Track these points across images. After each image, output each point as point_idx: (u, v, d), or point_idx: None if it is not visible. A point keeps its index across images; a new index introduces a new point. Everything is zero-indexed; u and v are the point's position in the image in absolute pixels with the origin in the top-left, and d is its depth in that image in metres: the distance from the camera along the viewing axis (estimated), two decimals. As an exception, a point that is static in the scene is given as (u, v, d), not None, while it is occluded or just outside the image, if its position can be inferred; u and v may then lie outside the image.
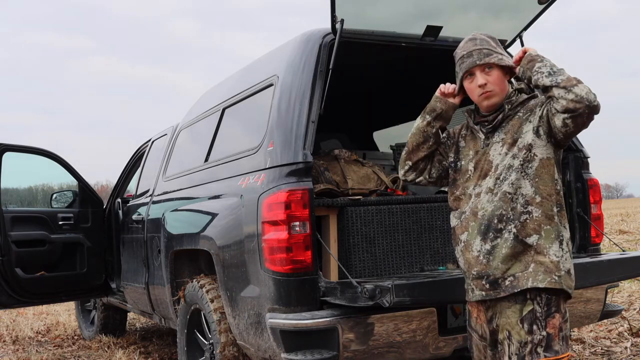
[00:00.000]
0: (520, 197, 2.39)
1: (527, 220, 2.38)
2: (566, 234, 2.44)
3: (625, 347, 4.69)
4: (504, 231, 2.40)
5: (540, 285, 2.33)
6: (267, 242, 3.04)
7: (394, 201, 3.52)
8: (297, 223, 2.98)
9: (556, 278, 2.34)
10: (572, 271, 2.42)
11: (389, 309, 2.71)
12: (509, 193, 2.40)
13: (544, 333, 2.34)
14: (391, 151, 4.87)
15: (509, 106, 2.49)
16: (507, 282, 2.38)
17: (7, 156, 5.40)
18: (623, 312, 4.90)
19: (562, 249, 2.39)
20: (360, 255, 3.39)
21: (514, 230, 2.38)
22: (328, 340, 2.90)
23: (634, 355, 4.51)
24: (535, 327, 2.34)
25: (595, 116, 2.28)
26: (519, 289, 2.35)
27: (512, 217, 2.39)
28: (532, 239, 2.37)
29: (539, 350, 2.33)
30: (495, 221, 2.41)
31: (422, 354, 3.11)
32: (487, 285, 2.42)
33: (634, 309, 5.80)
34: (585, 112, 2.25)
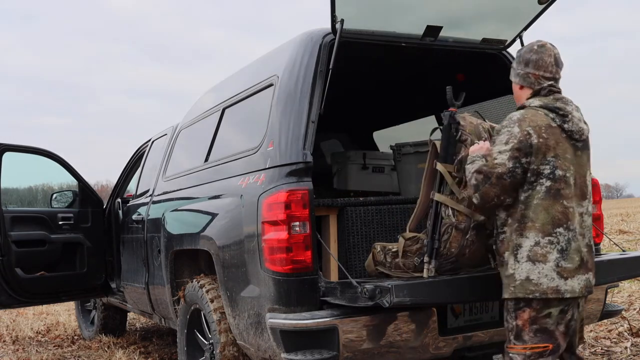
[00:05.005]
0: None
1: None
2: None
3: (625, 347, 4.69)
4: None
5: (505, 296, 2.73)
6: (267, 242, 3.04)
7: (394, 201, 3.52)
8: (297, 223, 2.98)
9: (512, 289, 2.68)
10: (533, 276, 2.64)
11: (388, 309, 2.71)
12: None
13: (514, 324, 2.69)
14: (391, 151, 4.87)
15: None
16: None
17: (7, 156, 5.40)
18: (623, 312, 4.90)
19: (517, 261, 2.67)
20: (360, 255, 3.38)
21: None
22: (328, 340, 2.89)
23: (634, 355, 4.51)
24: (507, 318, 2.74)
25: (596, 115, 2.31)
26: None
27: None
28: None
29: (510, 337, 2.72)
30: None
31: (422, 354, 3.11)
32: None
33: (634, 309, 5.80)
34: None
